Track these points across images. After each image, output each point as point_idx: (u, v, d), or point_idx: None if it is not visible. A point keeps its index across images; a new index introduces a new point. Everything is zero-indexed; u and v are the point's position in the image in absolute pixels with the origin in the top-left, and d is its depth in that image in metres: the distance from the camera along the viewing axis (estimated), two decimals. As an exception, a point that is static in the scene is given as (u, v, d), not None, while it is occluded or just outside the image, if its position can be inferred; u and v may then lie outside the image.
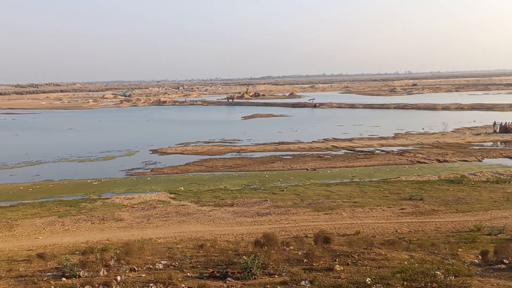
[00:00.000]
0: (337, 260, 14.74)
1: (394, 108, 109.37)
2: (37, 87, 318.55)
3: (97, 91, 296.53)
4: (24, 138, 73.24)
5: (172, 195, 32.90)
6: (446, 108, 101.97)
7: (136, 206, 29.99)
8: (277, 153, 50.61)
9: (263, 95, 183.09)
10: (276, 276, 13.11)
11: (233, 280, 12.88)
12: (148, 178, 39.84)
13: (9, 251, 20.38)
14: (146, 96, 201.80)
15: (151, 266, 14.79)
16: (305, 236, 21.08)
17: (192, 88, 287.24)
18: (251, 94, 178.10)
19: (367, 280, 11.82)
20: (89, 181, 39.27)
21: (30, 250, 20.28)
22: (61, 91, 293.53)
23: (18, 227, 26.02)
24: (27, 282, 13.35)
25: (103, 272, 13.93)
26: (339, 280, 12.28)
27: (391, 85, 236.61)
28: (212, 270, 13.78)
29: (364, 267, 13.84)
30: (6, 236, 24.40)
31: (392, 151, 50.06)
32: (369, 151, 50.18)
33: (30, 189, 36.97)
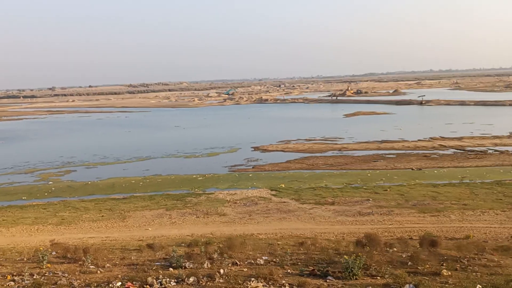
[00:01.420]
0: (444, 264, 14.05)
1: (510, 105, 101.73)
2: (148, 87, 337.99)
3: (202, 90, 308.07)
4: (135, 134, 78.18)
5: (273, 192, 33.23)
6: None
7: (238, 202, 30.72)
8: (380, 152, 49.25)
9: (366, 92, 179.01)
10: (378, 277, 12.78)
11: (334, 280, 12.75)
12: (250, 175, 40.63)
13: (122, 240, 21.90)
14: (248, 94, 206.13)
15: (252, 261, 15.08)
16: (410, 238, 20.28)
17: (293, 86, 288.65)
18: (352, 92, 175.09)
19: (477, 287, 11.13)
20: (194, 176, 40.91)
21: (140, 240, 21.60)
22: (169, 90, 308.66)
23: (130, 218, 27.80)
24: (138, 270, 14.23)
25: (207, 264, 14.46)
26: (446, 285, 11.71)
27: (506, 81, 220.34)
28: (312, 268, 13.74)
29: (474, 274, 13.05)
30: (120, 226, 26.19)
31: (507, 151, 46.63)
32: (481, 151, 47.17)
33: (141, 183, 39.31)
